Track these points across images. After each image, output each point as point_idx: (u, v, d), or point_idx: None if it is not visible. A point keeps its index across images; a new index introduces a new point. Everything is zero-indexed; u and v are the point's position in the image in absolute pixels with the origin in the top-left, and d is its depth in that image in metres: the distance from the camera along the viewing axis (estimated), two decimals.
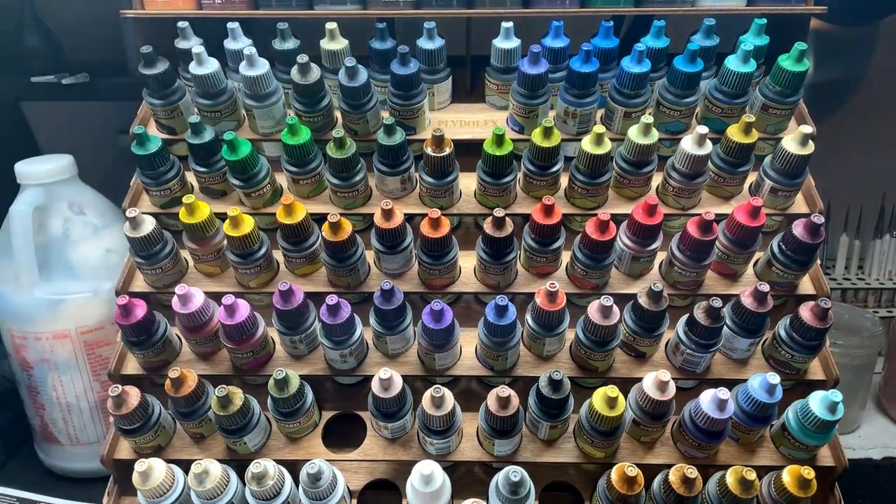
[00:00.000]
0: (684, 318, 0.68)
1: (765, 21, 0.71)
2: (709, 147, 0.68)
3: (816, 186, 0.72)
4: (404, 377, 0.67)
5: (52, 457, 0.96)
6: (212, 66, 0.71)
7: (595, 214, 0.66)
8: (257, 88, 0.71)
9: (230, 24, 0.73)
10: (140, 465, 0.62)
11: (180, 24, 0.73)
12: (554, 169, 0.70)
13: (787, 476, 0.62)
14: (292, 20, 0.75)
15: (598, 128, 0.67)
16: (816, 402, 0.63)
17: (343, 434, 0.72)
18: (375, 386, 0.65)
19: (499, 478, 0.64)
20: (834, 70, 1.13)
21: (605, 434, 0.65)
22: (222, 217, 0.68)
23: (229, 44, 0.74)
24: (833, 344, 0.93)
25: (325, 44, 0.74)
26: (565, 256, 0.72)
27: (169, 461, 0.66)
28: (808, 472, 0.61)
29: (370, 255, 0.72)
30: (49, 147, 1.11)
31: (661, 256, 0.71)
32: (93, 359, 0.89)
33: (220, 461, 0.65)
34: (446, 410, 0.64)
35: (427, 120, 0.76)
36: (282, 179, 0.75)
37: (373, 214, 0.68)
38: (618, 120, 0.73)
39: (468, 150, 0.73)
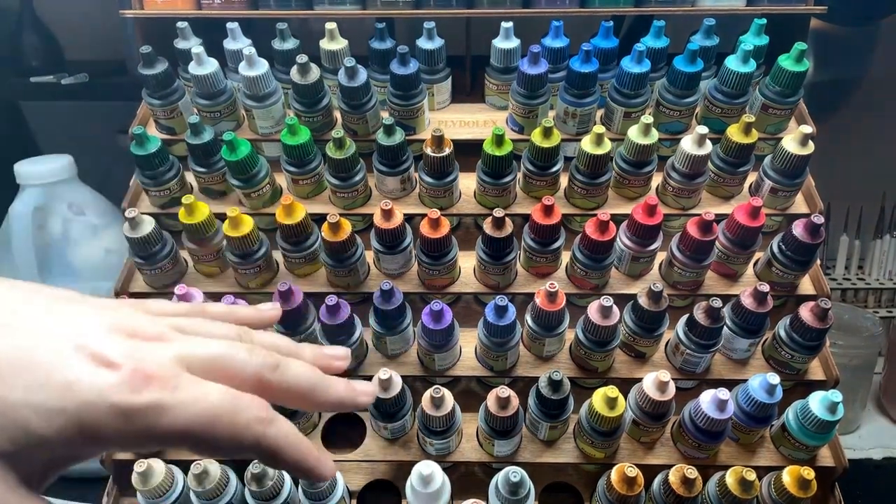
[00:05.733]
0: (684, 318, 0.67)
1: (765, 21, 0.71)
2: (709, 147, 0.68)
3: (816, 186, 0.72)
4: (404, 378, 0.67)
5: None
6: (211, 66, 0.71)
7: (595, 214, 0.66)
8: (257, 88, 0.71)
9: (229, 25, 0.73)
10: (139, 466, 0.62)
11: (180, 24, 0.73)
12: (554, 169, 0.70)
13: (787, 476, 0.62)
14: (292, 20, 0.75)
15: (598, 128, 0.67)
16: (816, 402, 0.63)
17: (343, 434, 0.72)
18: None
19: (499, 478, 0.64)
20: (834, 70, 1.13)
21: (605, 434, 0.65)
22: (222, 217, 0.68)
23: (229, 44, 0.74)
24: (833, 344, 0.93)
25: (325, 44, 0.74)
26: (565, 256, 0.72)
27: (168, 461, 0.66)
28: (808, 473, 0.61)
29: (370, 256, 0.72)
30: (49, 147, 1.11)
31: (661, 256, 0.71)
32: None
33: (220, 461, 0.65)
34: (446, 411, 0.64)
35: (427, 120, 0.76)
36: (281, 180, 0.75)
37: (372, 214, 0.68)
38: (618, 120, 0.73)
39: (468, 150, 0.72)
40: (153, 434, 0.28)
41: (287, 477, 0.65)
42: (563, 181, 0.74)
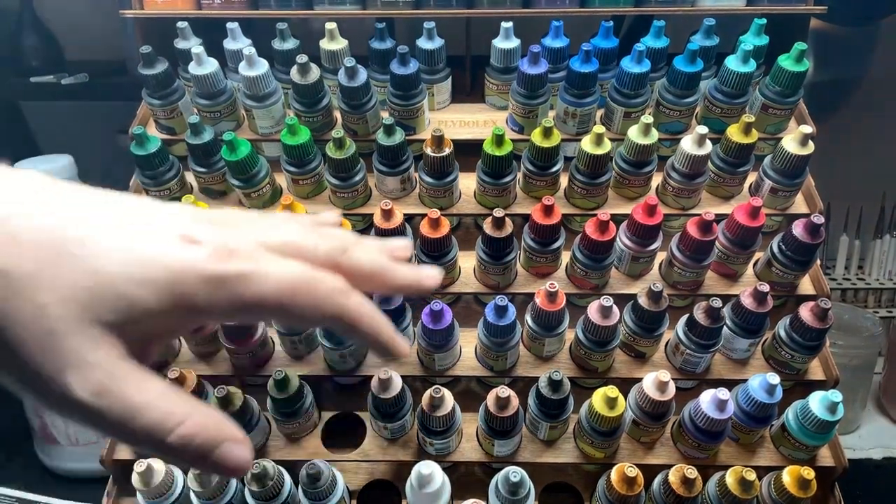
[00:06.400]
0: (684, 318, 0.67)
1: (765, 21, 0.71)
2: (708, 147, 0.68)
3: (816, 186, 0.72)
4: (404, 377, 0.67)
5: (51, 457, 0.96)
6: (211, 66, 0.71)
7: (595, 214, 0.66)
8: (257, 88, 0.71)
9: (229, 25, 0.73)
10: (139, 466, 0.62)
11: (180, 24, 0.73)
12: (554, 169, 0.70)
13: (787, 476, 0.62)
14: (292, 20, 0.75)
15: (598, 128, 0.67)
16: (816, 402, 0.63)
17: (343, 434, 0.72)
18: (375, 386, 0.65)
19: (498, 478, 0.64)
20: (834, 70, 1.13)
21: (605, 434, 0.65)
22: None
23: (229, 44, 0.74)
24: (833, 344, 0.93)
25: (325, 44, 0.74)
26: (565, 256, 0.72)
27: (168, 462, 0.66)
28: (808, 473, 0.61)
29: None
30: (49, 147, 1.11)
31: (660, 256, 0.71)
32: None
33: None
34: (446, 411, 0.64)
35: (427, 120, 0.76)
36: (281, 180, 0.75)
37: (372, 214, 0.68)
38: (617, 120, 0.73)
39: (468, 150, 0.72)
40: (241, 302, 0.31)
41: (287, 477, 0.65)
42: (563, 181, 0.74)
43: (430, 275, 0.38)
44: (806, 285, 0.72)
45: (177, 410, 0.30)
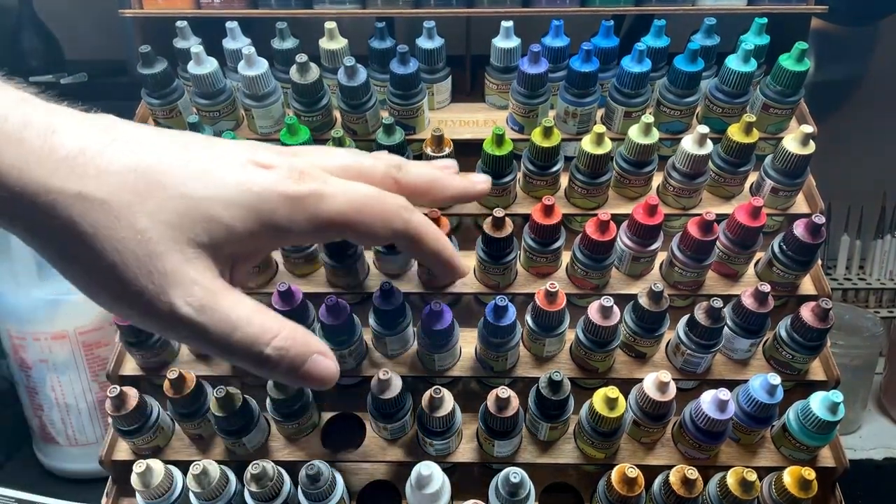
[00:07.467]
0: (685, 318, 0.67)
1: (765, 20, 0.71)
2: (709, 147, 0.68)
3: (817, 186, 0.72)
4: (404, 378, 0.67)
5: (50, 457, 0.96)
6: (210, 65, 0.71)
7: (595, 214, 0.65)
8: (256, 88, 0.71)
9: (229, 24, 0.73)
10: (139, 466, 0.62)
11: (179, 23, 0.73)
12: (554, 169, 0.70)
13: (788, 477, 0.62)
14: (291, 19, 0.75)
15: (599, 127, 0.67)
16: (817, 402, 0.63)
17: (343, 434, 0.72)
18: (374, 387, 0.65)
19: (499, 479, 0.64)
20: (835, 69, 1.13)
21: (606, 435, 0.65)
22: None
23: (228, 43, 0.73)
24: (834, 344, 0.93)
25: (324, 43, 0.74)
26: (565, 256, 0.71)
27: (168, 462, 0.66)
28: (809, 473, 0.61)
29: (370, 256, 0.72)
30: None
31: (661, 256, 0.71)
32: (91, 359, 0.88)
33: (219, 462, 0.65)
34: (446, 411, 0.64)
35: (427, 119, 0.76)
36: None
37: None
38: (618, 120, 0.73)
39: (468, 150, 0.72)
40: (318, 219, 0.33)
41: (286, 477, 0.65)
42: (564, 181, 0.74)
43: (482, 179, 0.42)
44: (807, 285, 0.71)
45: (271, 325, 0.32)
